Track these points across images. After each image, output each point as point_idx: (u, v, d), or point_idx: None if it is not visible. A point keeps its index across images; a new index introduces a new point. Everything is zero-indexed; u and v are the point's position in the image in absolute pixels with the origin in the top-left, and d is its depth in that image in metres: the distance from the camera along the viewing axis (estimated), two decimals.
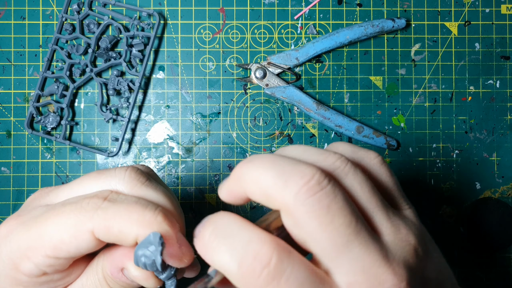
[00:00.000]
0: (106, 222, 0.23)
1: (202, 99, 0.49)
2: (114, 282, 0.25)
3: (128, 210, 0.23)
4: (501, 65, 0.50)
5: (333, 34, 0.47)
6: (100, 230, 0.23)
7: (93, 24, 0.48)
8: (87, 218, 0.23)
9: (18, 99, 0.49)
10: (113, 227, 0.23)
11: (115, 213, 0.23)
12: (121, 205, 0.24)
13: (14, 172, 0.48)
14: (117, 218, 0.23)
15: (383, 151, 0.49)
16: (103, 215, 0.23)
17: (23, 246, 0.24)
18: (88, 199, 0.24)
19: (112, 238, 0.24)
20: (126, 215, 0.23)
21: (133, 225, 0.23)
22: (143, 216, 0.23)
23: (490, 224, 0.48)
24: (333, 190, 0.20)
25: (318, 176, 0.20)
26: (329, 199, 0.20)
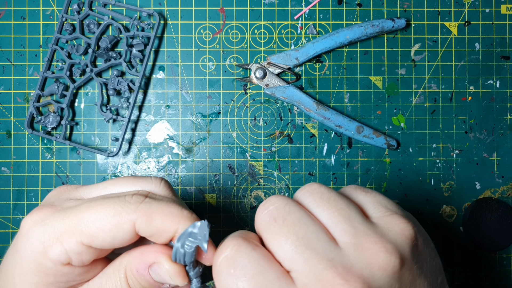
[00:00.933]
0: (148, 215, 0.25)
1: (202, 99, 0.49)
2: (136, 281, 0.26)
3: (169, 206, 0.25)
4: (501, 65, 0.50)
5: (333, 34, 0.47)
6: (143, 222, 0.25)
7: (93, 24, 0.48)
8: (131, 209, 0.25)
9: (18, 99, 0.49)
10: (155, 219, 0.25)
11: (157, 207, 0.25)
12: (162, 201, 0.26)
13: (14, 172, 0.48)
14: (160, 212, 0.25)
15: (383, 151, 0.49)
16: (147, 208, 0.25)
17: (59, 231, 0.25)
18: (130, 195, 0.26)
19: (151, 231, 0.25)
20: (168, 210, 0.25)
21: (174, 219, 0.25)
22: (182, 212, 0.25)
23: (490, 224, 0.48)
24: (283, 205, 0.24)
25: (275, 201, 0.25)
26: (278, 212, 0.24)
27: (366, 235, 0.22)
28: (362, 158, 0.49)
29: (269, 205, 0.25)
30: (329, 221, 0.24)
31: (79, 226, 0.25)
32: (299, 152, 0.49)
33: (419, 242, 0.24)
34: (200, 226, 0.25)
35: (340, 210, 0.24)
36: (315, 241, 0.22)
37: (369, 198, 0.26)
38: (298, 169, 0.49)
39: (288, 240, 0.22)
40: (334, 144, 0.49)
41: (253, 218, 0.49)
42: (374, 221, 0.24)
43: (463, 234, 0.49)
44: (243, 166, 0.49)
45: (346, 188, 0.27)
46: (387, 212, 0.24)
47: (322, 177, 0.49)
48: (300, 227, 0.23)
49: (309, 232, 0.23)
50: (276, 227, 0.23)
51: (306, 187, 0.26)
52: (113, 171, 0.49)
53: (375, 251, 0.22)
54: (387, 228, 0.23)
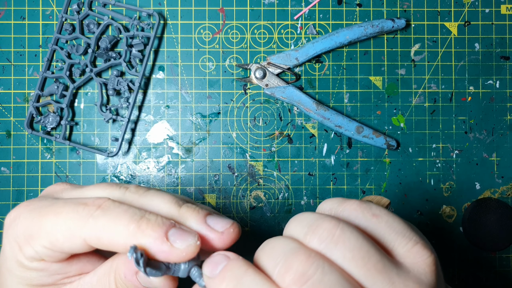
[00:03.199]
0: (96, 232, 0.24)
1: (202, 99, 0.49)
2: (125, 286, 0.25)
3: (116, 220, 0.24)
4: (500, 65, 0.50)
5: (333, 34, 0.47)
6: (92, 239, 0.24)
7: (93, 24, 0.48)
8: (80, 225, 0.24)
9: (18, 99, 0.49)
10: (103, 238, 0.24)
11: (104, 224, 0.24)
12: (111, 214, 0.24)
13: (14, 172, 0.48)
14: (105, 230, 0.24)
15: (383, 151, 0.49)
16: (94, 225, 0.24)
17: (26, 232, 0.25)
18: (83, 205, 0.25)
19: (105, 248, 0.24)
20: (114, 227, 0.24)
21: (120, 237, 0.23)
22: (128, 226, 0.23)
23: (490, 224, 0.48)
24: (320, 277, 0.20)
25: (303, 266, 0.21)
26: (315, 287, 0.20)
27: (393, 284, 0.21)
28: (362, 158, 0.49)
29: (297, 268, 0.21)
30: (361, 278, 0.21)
31: (40, 231, 0.25)
32: (298, 152, 0.49)
33: (438, 267, 0.23)
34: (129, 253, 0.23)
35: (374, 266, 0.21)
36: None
37: (383, 226, 0.23)
38: (298, 169, 0.49)
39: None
40: (334, 144, 0.49)
41: (253, 218, 0.49)
42: (399, 259, 0.23)
43: (463, 234, 0.49)
44: (243, 166, 0.49)
45: (348, 209, 0.24)
46: (409, 243, 0.23)
47: (322, 177, 0.49)
48: None
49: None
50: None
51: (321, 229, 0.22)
52: (113, 171, 0.49)
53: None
54: (414, 264, 0.22)
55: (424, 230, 0.49)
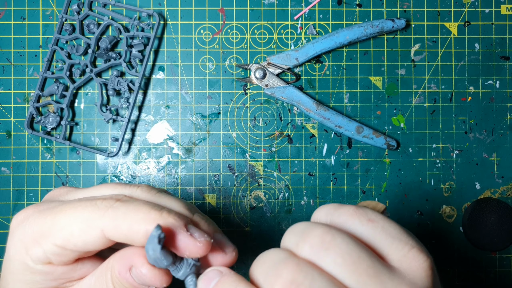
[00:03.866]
0: (115, 221, 0.24)
1: (202, 99, 0.49)
2: (120, 284, 0.25)
3: (136, 209, 0.24)
4: (500, 65, 0.50)
5: (333, 35, 0.47)
6: (110, 228, 0.24)
7: (93, 24, 0.48)
8: (99, 215, 0.24)
9: (18, 99, 0.49)
10: (122, 226, 0.24)
11: (124, 212, 0.24)
12: (130, 205, 0.25)
13: (14, 172, 0.48)
14: (126, 217, 0.24)
15: (383, 151, 0.49)
16: (113, 214, 0.24)
17: (36, 232, 0.25)
18: (102, 199, 0.25)
19: (122, 237, 0.24)
20: (134, 214, 0.24)
21: (140, 223, 0.24)
22: (149, 214, 0.24)
23: (490, 224, 0.48)
24: (309, 284, 0.20)
25: (292, 274, 0.21)
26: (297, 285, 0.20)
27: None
28: (362, 158, 0.49)
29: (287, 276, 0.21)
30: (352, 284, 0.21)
31: (53, 228, 0.25)
32: (299, 152, 0.49)
33: (434, 272, 0.23)
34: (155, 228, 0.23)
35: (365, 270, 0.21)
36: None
37: (379, 231, 0.23)
38: (298, 169, 0.49)
39: None
40: (334, 144, 0.49)
41: (253, 218, 0.49)
42: (394, 264, 0.22)
43: (463, 234, 0.49)
44: (243, 167, 0.49)
45: (344, 215, 0.24)
46: (404, 248, 0.22)
47: (322, 177, 0.49)
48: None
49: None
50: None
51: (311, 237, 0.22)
52: (113, 171, 0.49)
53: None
54: (410, 268, 0.22)
55: (424, 230, 0.49)
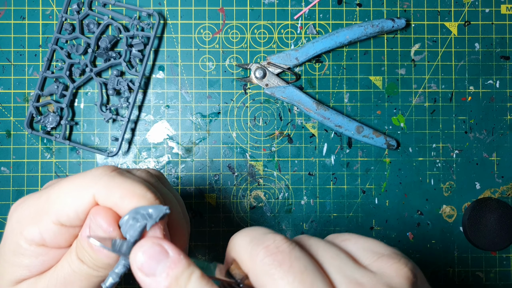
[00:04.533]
0: (108, 188, 0.24)
1: (202, 99, 0.49)
2: (80, 249, 0.25)
3: (133, 184, 0.25)
4: (501, 65, 0.50)
5: (333, 34, 0.47)
6: (102, 194, 0.24)
7: (93, 24, 0.48)
8: (93, 182, 0.25)
9: (18, 99, 0.49)
10: (114, 194, 0.24)
11: (120, 182, 0.25)
12: (128, 178, 0.25)
13: (14, 172, 0.48)
14: (121, 187, 0.24)
15: (383, 151, 0.49)
16: (108, 181, 0.25)
17: (32, 211, 0.25)
18: (97, 168, 0.26)
19: (110, 204, 0.24)
20: (130, 187, 0.24)
21: (133, 198, 0.24)
22: (145, 193, 0.25)
23: (490, 224, 0.48)
24: (289, 249, 0.21)
25: (279, 241, 0.22)
26: (282, 257, 0.21)
27: (359, 284, 0.21)
28: (362, 158, 0.49)
29: (269, 243, 0.22)
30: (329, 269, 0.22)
31: (47, 204, 0.25)
32: (299, 152, 0.49)
33: (418, 280, 0.23)
34: (158, 208, 0.24)
35: (330, 260, 0.22)
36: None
37: (351, 246, 0.24)
38: (298, 169, 0.49)
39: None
40: (334, 144, 0.49)
41: (253, 218, 0.49)
42: (371, 269, 0.23)
43: (463, 234, 0.49)
44: (243, 166, 0.49)
45: (327, 238, 0.26)
46: (374, 257, 0.23)
47: (322, 177, 0.49)
48: (308, 275, 0.21)
49: (317, 281, 0.21)
50: (280, 272, 0.21)
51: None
52: None
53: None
54: (381, 273, 0.22)
55: (424, 230, 0.49)
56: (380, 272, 0.22)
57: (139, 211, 0.24)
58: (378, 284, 0.21)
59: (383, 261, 0.23)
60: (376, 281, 0.21)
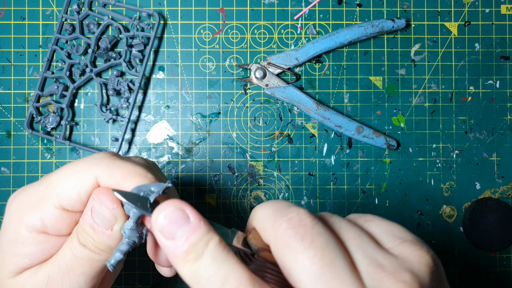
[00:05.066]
0: (110, 169, 0.25)
1: (202, 99, 0.49)
2: (82, 233, 0.26)
3: (134, 165, 0.26)
4: (501, 65, 0.50)
5: (333, 34, 0.47)
6: (104, 174, 0.25)
7: (93, 24, 0.48)
8: (94, 164, 0.25)
9: (18, 99, 0.49)
10: (116, 174, 0.25)
11: (121, 164, 0.25)
12: (128, 161, 0.26)
13: (14, 172, 0.48)
14: (122, 168, 0.25)
15: (383, 151, 0.49)
16: (110, 163, 0.25)
17: (33, 198, 0.26)
18: (97, 153, 0.27)
19: (112, 184, 0.25)
20: (131, 168, 0.25)
21: (135, 177, 0.25)
22: (146, 174, 0.25)
23: (490, 224, 0.48)
24: (312, 224, 0.21)
25: (302, 214, 0.22)
26: (304, 231, 0.21)
27: (380, 266, 0.21)
28: (362, 158, 0.49)
29: (292, 216, 0.22)
30: (351, 248, 0.22)
31: (49, 189, 0.25)
32: (299, 152, 0.49)
33: (438, 270, 0.22)
34: (160, 184, 0.24)
35: (352, 239, 0.22)
36: (342, 270, 0.20)
37: (374, 228, 0.24)
38: (298, 169, 0.49)
39: (315, 265, 0.20)
40: (334, 144, 0.49)
41: None
42: (393, 252, 0.23)
43: (463, 234, 0.49)
44: (243, 166, 0.49)
45: (348, 217, 0.25)
46: (397, 241, 0.23)
47: (322, 177, 0.49)
48: (329, 252, 0.21)
49: (337, 259, 0.20)
50: (301, 246, 0.21)
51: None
52: None
53: (392, 284, 0.20)
54: (403, 258, 0.22)
55: (424, 230, 0.49)
56: (402, 256, 0.22)
57: (142, 189, 0.25)
58: (400, 268, 0.21)
59: (405, 246, 0.22)
60: (398, 265, 0.21)
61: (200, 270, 0.21)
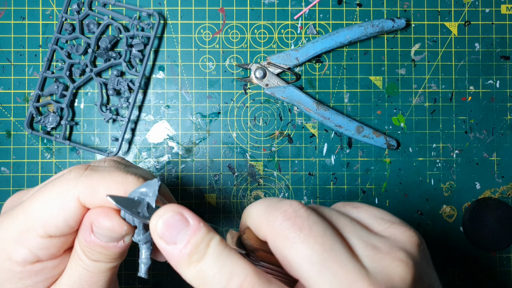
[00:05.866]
0: (91, 186, 0.24)
1: (202, 99, 0.49)
2: (91, 251, 0.25)
3: (111, 174, 0.25)
4: (501, 65, 0.50)
5: (333, 34, 0.47)
6: (86, 194, 0.24)
7: (93, 24, 0.48)
8: (71, 185, 0.24)
9: (18, 99, 0.49)
10: (99, 190, 0.24)
11: (99, 177, 0.24)
12: (103, 170, 0.25)
13: (14, 172, 0.48)
14: (102, 182, 0.24)
15: (383, 151, 0.49)
16: (87, 180, 0.24)
17: (13, 233, 0.24)
18: (68, 171, 0.25)
19: (98, 201, 0.24)
20: (110, 178, 0.24)
21: (118, 186, 0.24)
22: (127, 178, 0.25)
23: (490, 224, 0.48)
24: (307, 214, 0.22)
25: (295, 206, 0.22)
26: (301, 221, 0.21)
27: (376, 248, 0.22)
28: (362, 158, 0.49)
29: (287, 208, 0.22)
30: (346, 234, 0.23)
31: (29, 221, 0.24)
32: (299, 152, 0.49)
33: (425, 247, 0.24)
34: (150, 183, 0.24)
35: (345, 226, 0.23)
36: (342, 255, 0.21)
37: (362, 214, 0.25)
38: (298, 169, 0.49)
39: (315, 252, 0.21)
40: (334, 144, 0.49)
41: None
42: (384, 234, 0.24)
43: (463, 234, 0.49)
44: (243, 166, 0.49)
45: (334, 206, 0.26)
46: (386, 224, 0.24)
47: (322, 177, 0.49)
48: (327, 239, 0.21)
49: (336, 244, 0.21)
50: (301, 236, 0.21)
51: None
52: None
53: (390, 263, 0.21)
54: (394, 239, 0.23)
55: (424, 230, 0.49)
56: (393, 238, 0.23)
57: (133, 196, 0.24)
58: (394, 248, 0.22)
59: (395, 228, 0.24)
60: (391, 245, 0.22)
61: (205, 270, 0.21)
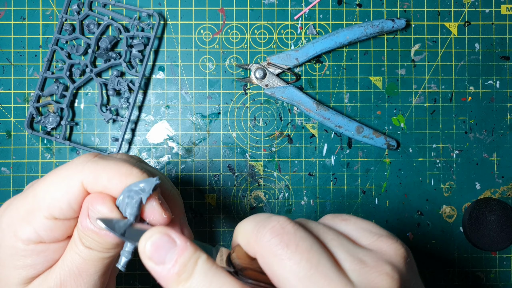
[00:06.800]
0: (95, 172, 0.25)
1: (202, 99, 0.49)
2: (86, 238, 0.26)
3: (117, 164, 0.25)
4: (501, 65, 0.50)
5: (333, 35, 0.47)
6: (89, 179, 0.25)
7: (93, 24, 0.48)
8: (78, 170, 0.25)
9: (18, 99, 0.49)
10: (102, 177, 0.25)
11: (104, 165, 0.25)
12: (111, 160, 0.26)
13: (14, 173, 0.48)
14: (107, 169, 0.25)
15: (383, 151, 0.49)
16: (93, 166, 0.25)
17: (22, 211, 0.26)
18: (78, 158, 0.26)
19: (100, 188, 0.25)
20: (115, 168, 0.25)
21: (121, 177, 0.25)
22: (131, 170, 0.25)
23: (490, 224, 0.48)
24: (294, 230, 0.22)
25: (283, 222, 0.23)
26: (288, 238, 0.22)
27: (362, 262, 0.22)
28: (362, 158, 0.49)
29: (274, 224, 0.22)
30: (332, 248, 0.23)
31: (36, 201, 0.25)
32: (299, 153, 0.49)
33: (411, 259, 0.24)
34: (149, 180, 0.25)
35: (332, 240, 0.23)
36: (328, 270, 0.21)
37: (350, 226, 0.25)
38: (298, 170, 0.49)
39: (302, 268, 0.21)
40: (334, 144, 0.49)
41: None
42: (369, 247, 0.24)
43: (463, 234, 0.49)
44: (243, 167, 0.49)
45: (323, 219, 0.26)
46: (374, 237, 0.24)
47: (322, 178, 0.49)
48: (314, 254, 0.21)
49: (323, 259, 0.21)
50: (288, 253, 0.21)
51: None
52: None
53: (376, 277, 0.22)
54: (381, 252, 0.23)
55: (424, 230, 0.49)
56: (380, 251, 0.23)
57: (132, 188, 0.25)
58: (380, 261, 0.22)
59: (382, 241, 0.24)
60: (378, 259, 0.22)
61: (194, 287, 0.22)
